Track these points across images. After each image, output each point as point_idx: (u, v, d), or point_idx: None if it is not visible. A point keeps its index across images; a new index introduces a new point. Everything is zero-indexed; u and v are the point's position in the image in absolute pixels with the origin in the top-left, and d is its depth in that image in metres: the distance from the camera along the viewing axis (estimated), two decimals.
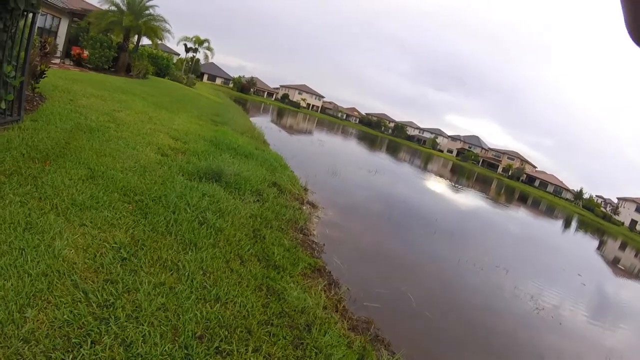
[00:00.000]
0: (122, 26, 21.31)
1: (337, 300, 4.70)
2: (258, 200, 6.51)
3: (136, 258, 3.38)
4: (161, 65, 31.46)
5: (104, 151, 5.74)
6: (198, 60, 55.58)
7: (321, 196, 9.92)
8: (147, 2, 23.46)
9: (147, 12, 23.56)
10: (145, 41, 26.49)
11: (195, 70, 56.86)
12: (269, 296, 3.77)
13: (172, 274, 3.36)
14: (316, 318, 3.75)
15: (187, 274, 3.43)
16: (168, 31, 24.97)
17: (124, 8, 22.54)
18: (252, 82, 73.32)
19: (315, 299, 4.22)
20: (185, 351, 2.55)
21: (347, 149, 33.86)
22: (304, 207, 8.06)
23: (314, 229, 7.11)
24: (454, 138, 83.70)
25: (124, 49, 21.92)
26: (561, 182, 69.01)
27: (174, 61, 43.70)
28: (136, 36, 24.24)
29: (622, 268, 22.45)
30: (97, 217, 3.80)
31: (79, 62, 19.09)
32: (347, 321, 4.39)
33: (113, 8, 22.25)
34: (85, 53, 19.44)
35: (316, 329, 3.57)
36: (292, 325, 3.46)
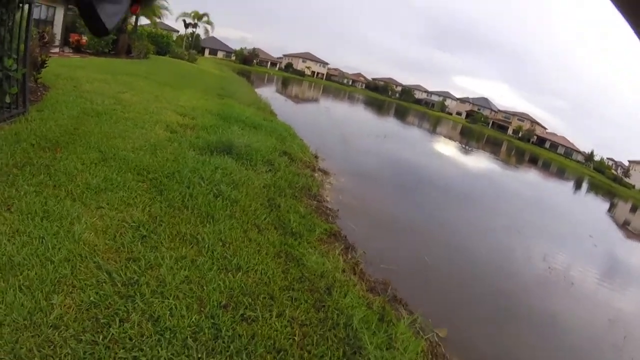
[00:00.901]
0: None
1: (354, 264, 4.76)
2: (270, 170, 6.51)
3: (156, 234, 3.44)
4: (161, 44, 31.02)
5: (113, 133, 5.74)
6: (198, 35, 54.54)
7: (332, 163, 9.89)
8: None
9: None
10: (144, 21, 25.97)
11: (196, 46, 55.89)
12: (288, 262, 3.82)
13: (192, 247, 3.42)
14: (335, 281, 3.82)
15: (207, 246, 3.48)
16: (166, 8, 24.44)
17: None
18: (254, 53, 71.95)
19: (333, 262, 4.28)
20: (212, 321, 2.61)
21: (355, 115, 33.47)
22: (316, 175, 8.06)
23: (327, 195, 7.12)
24: (462, 100, 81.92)
25: (123, 31, 21.56)
26: (572, 143, 67.53)
27: (174, 38, 42.98)
28: (134, 16, 23.71)
29: (633, 231, 22.32)
30: (113, 199, 3.84)
31: (78, 49, 18.80)
32: (365, 283, 4.46)
33: None
34: (84, 39, 19.12)
35: (336, 291, 3.63)
36: (312, 289, 3.52)
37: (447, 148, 27.79)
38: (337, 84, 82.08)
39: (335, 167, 9.49)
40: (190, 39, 51.79)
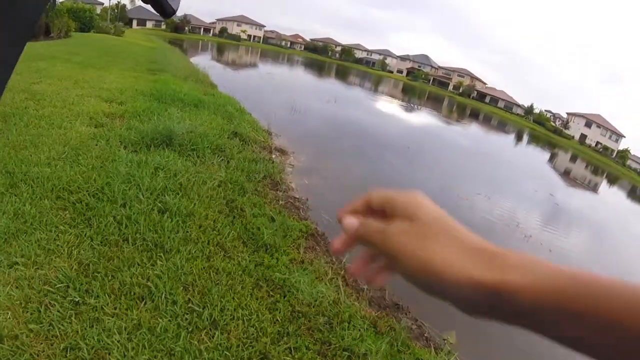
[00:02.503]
0: None
1: (342, 270, 3.97)
2: (222, 160, 5.43)
3: (92, 296, 2.40)
4: (84, 19, 27.30)
5: (23, 142, 4.31)
6: (124, 6, 48.96)
7: (287, 138, 8.89)
8: None
9: None
10: None
11: (122, 18, 50.33)
12: (272, 294, 2.96)
13: (145, 305, 2.42)
14: (333, 307, 3.03)
15: (163, 296, 2.49)
16: None
17: None
18: (185, 20, 66.23)
19: (321, 275, 3.48)
20: None
21: (298, 79, 32.02)
22: (274, 156, 7.05)
23: (291, 181, 6.20)
24: (403, 58, 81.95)
25: None
26: (511, 97, 70.21)
27: (98, 12, 38.12)
28: None
29: (573, 178, 23.86)
30: (28, 247, 2.70)
31: None
32: (360, 294, 3.72)
33: None
34: None
35: (337, 322, 2.85)
36: (311, 328, 2.74)
37: (393, 107, 27.54)
38: (275, 46, 78.71)
39: (292, 143, 8.53)
40: (115, 10, 46.36)
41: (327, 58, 78.44)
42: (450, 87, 73.06)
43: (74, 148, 4.41)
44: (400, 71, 79.89)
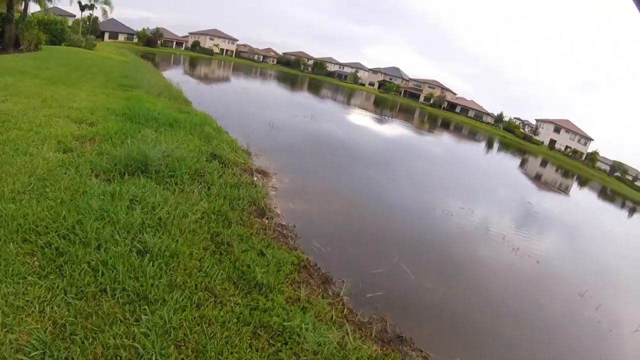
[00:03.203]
0: None
1: (341, 305, 3.69)
2: (202, 187, 5.06)
3: None
4: (55, 31, 26.08)
5: None
6: (96, 18, 47.43)
7: (268, 158, 8.60)
8: None
9: None
10: (35, 8, 21.23)
11: (94, 30, 48.64)
12: (272, 342, 2.68)
13: None
14: (339, 350, 2.76)
15: (154, 358, 2.14)
16: None
17: None
18: (158, 33, 64.79)
19: (320, 311, 3.19)
20: None
21: (273, 94, 31.78)
22: (255, 179, 6.73)
23: (276, 205, 5.89)
24: (374, 71, 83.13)
25: (9, 20, 17.26)
26: (481, 106, 71.86)
27: (70, 24, 36.61)
28: (22, 2, 19.13)
29: (544, 182, 24.63)
30: None
31: None
32: (364, 330, 3.45)
33: None
34: None
35: None
36: None
37: (367, 120, 27.71)
38: (247, 60, 78.26)
39: (274, 163, 8.23)
40: (87, 22, 44.77)
41: (299, 72, 78.63)
42: (422, 99, 74.46)
43: (41, 178, 3.96)
44: (372, 84, 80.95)
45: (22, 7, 19.97)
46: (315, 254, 4.72)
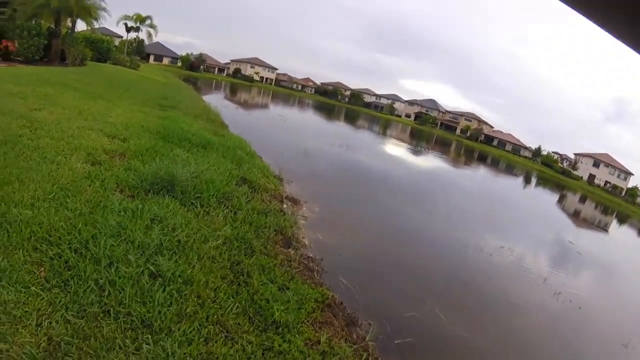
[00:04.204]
0: (50, 8, 17.80)
1: (365, 351, 3.32)
2: (228, 211, 4.89)
3: None
4: (101, 49, 27.80)
5: (8, 175, 3.83)
6: (142, 40, 50.72)
7: (299, 186, 8.40)
8: None
9: None
10: (83, 26, 22.89)
11: (139, 52, 52.02)
12: None
13: None
14: None
15: None
16: (104, 9, 21.37)
17: None
18: (201, 59, 68.30)
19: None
20: None
21: (310, 122, 32.13)
22: (285, 206, 6.53)
23: (304, 236, 5.62)
24: (410, 102, 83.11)
25: (56, 35, 18.59)
26: (518, 140, 69.97)
27: (116, 44, 39.28)
28: (69, 19, 20.66)
29: (583, 219, 23.14)
30: None
31: (7, 56, 15.90)
32: None
33: None
34: (13, 45, 16.27)
35: None
36: None
37: (403, 152, 27.30)
38: (286, 89, 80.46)
39: (305, 191, 8.00)
40: (133, 44, 47.91)
41: (336, 102, 79.75)
42: (458, 131, 73.31)
43: (64, 188, 3.91)
44: (408, 115, 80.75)
45: (70, 23, 21.38)
46: (342, 291, 4.37)
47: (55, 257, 2.84)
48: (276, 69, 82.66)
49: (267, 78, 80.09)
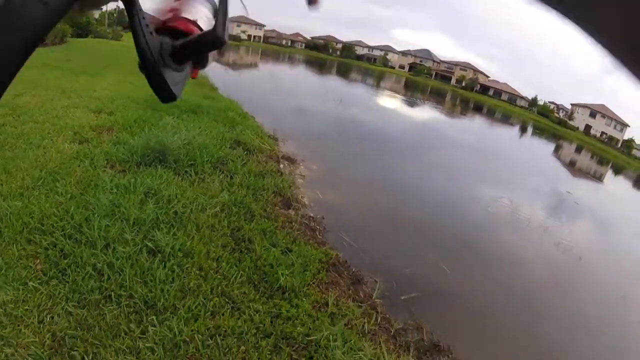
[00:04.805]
0: None
1: (373, 309, 3.31)
2: (224, 176, 4.75)
3: None
4: (80, 24, 26.32)
5: None
6: (123, 10, 48.05)
7: (295, 144, 8.21)
8: None
9: None
10: None
11: (121, 22, 49.65)
12: (296, 358, 2.31)
13: None
14: None
15: None
16: None
17: None
18: None
19: (352, 325, 2.82)
20: None
21: (301, 78, 31.30)
22: (282, 166, 6.38)
23: (303, 195, 5.51)
24: (404, 53, 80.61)
25: None
26: (515, 90, 68.59)
27: (96, 17, 37.33)
28: None
29: (578, 169, 23.22)
30: None
31: None
32: (398, 340, 3.06)
33: None
34: None
35: None
36: None
37: (398, 104, 26.84)
38: (275, 45, 77.86)
39: (301, 149, 7.83)
40: (114, 14, 45.60)
41: (328, 56, 77.44)
42: (453, 81, 71.84)
43: (52, 172, 3.75)
44: (402, 66, 78.72)
45: None
46: (345, 249, 4.33)
47: (50, 246, 2.73)
48: (264, 25, 79.49)
49: (255, 36, 77.22)
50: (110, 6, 42.76)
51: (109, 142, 4.83)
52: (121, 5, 0.45)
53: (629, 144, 54.03)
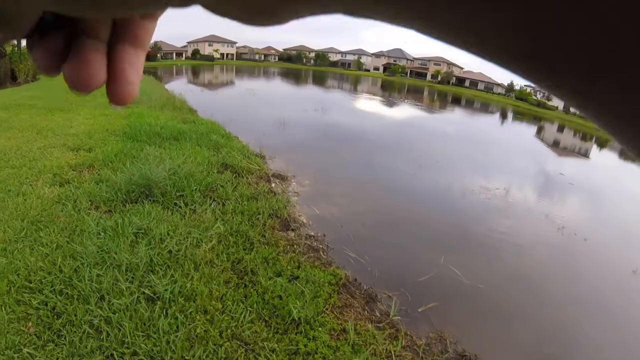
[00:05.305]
0: None
1: (392, 328, 3.10)
2: (216, 204, 4.52)
3: None
4: None
5: None
6: None
7: (284, 160, 8.01)
8: None
9: None
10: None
11: None
12: None
13: None
14: None
15: None
16: None
17: None
18: (156, 47, 65.00)
19: (373, 349, 2.61)
20: None
21: (279, 91, 31.20)
22: (273, 185, 6.17)
23: (300, 214, 5.30)
24: (377, 55, 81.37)
25: (2, 55, 17.08)
26: (490, 78, 69.66)
27: None
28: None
29: (563, 148, 23.53)
30: None
31: None
32: (422, 357, 2.86)
33: None
34: None
35: None
36: None
37: (377, 105, 26.94)
38: (249, 61, 77.90)
39: (291, 165, 7.63)
40: None
41: (302, 65, 77.78)
42: (428, 77, 72.70)
43: (35, 221, 3.47)
44: (376, 68, 79.44)
45: (15, 41, 19.75)
46: (353, 266, 4.13)
47: (41, 305, 2.47)
48: (235, 42, 79.53)
49: (227, 54, 77.18)
50: None
51: (91, 181, 4.55)
52: None
53: None
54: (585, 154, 23.38)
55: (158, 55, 64.24)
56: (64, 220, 3.54)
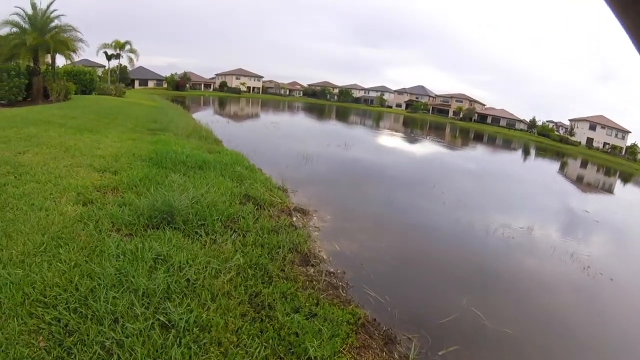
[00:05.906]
0: (27, 47, 17.42)
1: None
2: (236, 235, 4.53)
3: None
4: (84, 81, 27.15)
5: None
6: (125, 67, 50.35)
7: (306, 194, 8.03)
8: (51, 13, 19.26)
9: (52, 24, 19.44)
10: (64, 60, 22.46)
11: (124, 79, 51.82)
12: None
13: None
14: None
15: None
16: (81, 40, 20.79)
17: (26, 26, 18.43)
18: (186, 77, 67.84)
19: None
20: None
21: (303, 125, 31.79)
22: (294, 219, 6.16)
23: (320, 249, 5.24)
24: (399, 92, 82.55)
25: (36, 73, 18.26)
26: (512, 114, 69.24)
27: (99, 74, 38.83)
28: (48, 55, 20.19)
29: (587, 184, 22.84)
30: None
31: None
32: None
33: (15, 29, 18.18)
34: None
35: None
36: None
37: (400, 142, 27.01)
38: (274, 95, 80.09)
39: (313, 199, 7.61)
40: (116, 72, 47.52)
41: (326, 101, 79.34)
42: (450, 114, 72.82)
43: (55, 237, 3.54)
44: (399, 105, 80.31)
45: (49, 59, 20.97)
46: (372, 305, 4.01)
47: (53, 321, 2.48)
48: (262, 76, 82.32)
49: (254, 87, 79.78)
50: (113, 63, 44.64)
51: (114, 203, 4.66)
52: (123, 62, 0.29)
53: (632, 149, 53.88)
54: (610, 190, 22.74)
55: (187, 85, 66.86)
56: (84, 239, 3.60)
